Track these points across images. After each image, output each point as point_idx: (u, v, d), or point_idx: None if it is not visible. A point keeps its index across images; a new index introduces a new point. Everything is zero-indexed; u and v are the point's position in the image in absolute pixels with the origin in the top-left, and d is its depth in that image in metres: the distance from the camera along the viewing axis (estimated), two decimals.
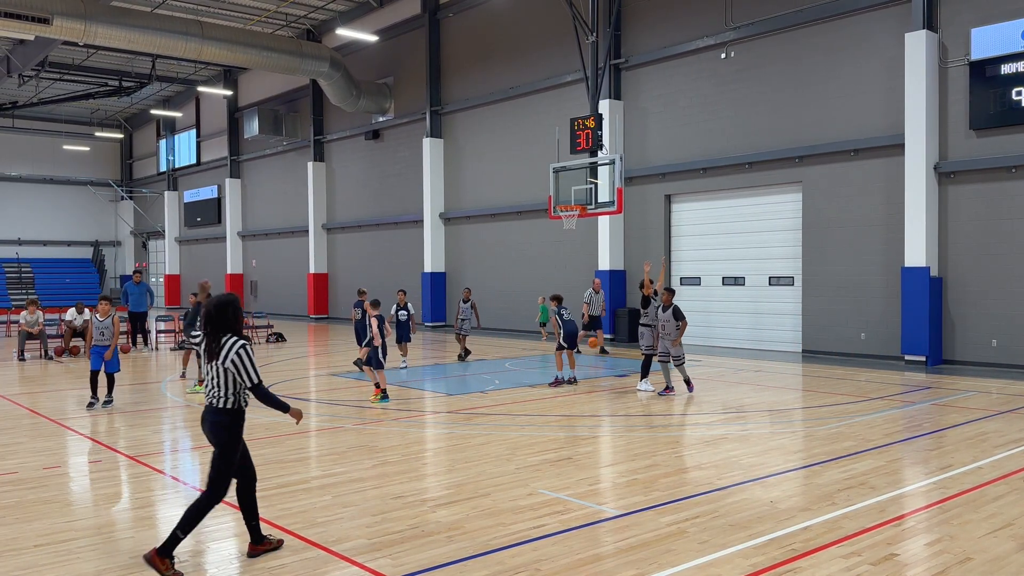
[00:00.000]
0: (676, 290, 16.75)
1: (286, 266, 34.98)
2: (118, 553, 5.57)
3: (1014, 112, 14.44)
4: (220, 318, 5.35)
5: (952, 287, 15.41)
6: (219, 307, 5.36)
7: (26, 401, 12.64)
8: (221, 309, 5.36)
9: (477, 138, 25.42)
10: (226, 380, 5.30)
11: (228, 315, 5.36)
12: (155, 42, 23.01)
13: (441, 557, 5.39)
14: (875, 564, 5.19)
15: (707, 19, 19.11)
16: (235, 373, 5.28)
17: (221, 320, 5.35)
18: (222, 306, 5.37)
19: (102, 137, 44.34)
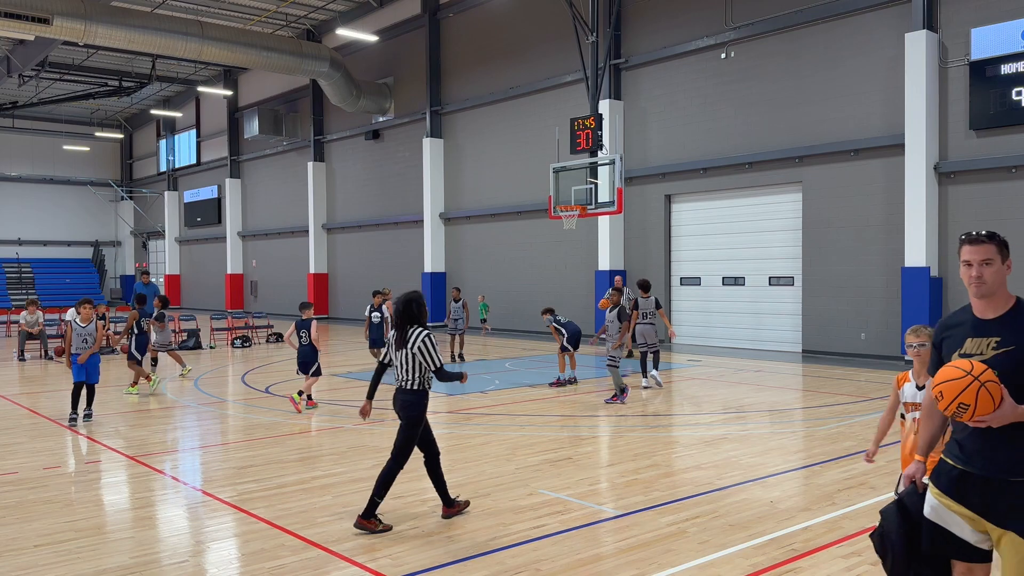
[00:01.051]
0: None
1: (286, 266, 34.97)
2: (118, 553, 5.57)
3: (1014, 112, 14.44)
4: (407, 311, 6.12)
5: (952, 287, 15.40)
6: (406, 303, 6.14)
7: (26, 401, 12.64)
8: (408, 304, 6.13)
9: (477, 138, 25.43)
10: (413, 365, 6.06)
11: (413, 309, 6.12)
12: (155, 42, 23.01)
13: (441, 557, 5.39)
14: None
15: (707, 19, 19.11)
16: (421, 359, 6.03)
17: (408, 313, 6.11)
18: (408, 302, 6.15)
19: (102, 137, 44.35)
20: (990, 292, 3.22)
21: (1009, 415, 3.07)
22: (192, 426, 10.75)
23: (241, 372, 16.19)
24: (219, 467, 8.24)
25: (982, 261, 3.22)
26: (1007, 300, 3.25)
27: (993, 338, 3.20)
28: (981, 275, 3.21)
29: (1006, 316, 3.22)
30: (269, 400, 11.30)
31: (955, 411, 3.08)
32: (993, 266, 3.21)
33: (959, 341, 3.30)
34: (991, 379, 3.04)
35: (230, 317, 23.90)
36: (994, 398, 3.03)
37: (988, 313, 3.25)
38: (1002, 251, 3.24)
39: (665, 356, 18.14)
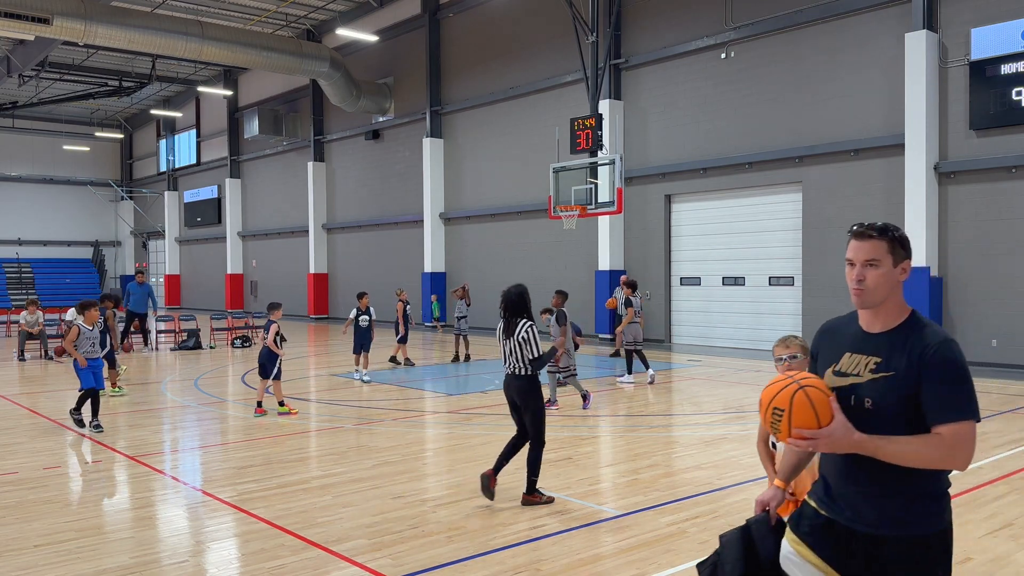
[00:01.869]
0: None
1: (286, 266, 34.98)
2: (118, 553, 5.57)
3: (1014, 112, 14.44)
4: (520, 303, 6.80)
5: (952, 287, 15.41)
6: (519, 296, 6.81)
7: (26, 401, 12.64)
8: (520, 297, 6.81)
9: (477, 138, 25.43)
10: (521, 352, 6.66)
11: (525, 301, 6.83)
12: (155, 42, 23.01)
13: (441, 557, 5.39)
14: None
15: (707, 19, 19.11)
16: (525, 346, 6.60)
17: (521, 305, 6.80)
18: (521, 295, 6.83)
19: (102, 137, 44.34)
20: (874, 301, 2.62)
21: (843, 440, 2.46)
22: (192, 426, 10.75)
23: (241, 372, 16.19)
24: (219, 467, 8.24)
25: (866, 261, 2.62)
26: (899, 312, 2.64)
27: (873, 357, 2.60)
28: (863, 278, 2.61)
29: (894, 332, 2.61)
30: (269, 400, 11.30)
31: (772, 422, 2.56)
32: (879, 268, 2.60)
33: (836, 355, 2.72)
34: (815, 385, 2.52)
35: (230, 317, 23.89)
36: (817, 409, 2.47)
37: (875, 326, 2.66)
38: (895, 250, 2.62)
39: (665, 356, 18.16)
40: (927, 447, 2.43)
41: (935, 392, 2.46)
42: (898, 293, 2.65)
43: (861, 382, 2.59)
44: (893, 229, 2.64)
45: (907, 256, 2.65)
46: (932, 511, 2.54)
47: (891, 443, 2.45)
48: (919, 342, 2.53)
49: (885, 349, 2.59)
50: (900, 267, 2.63)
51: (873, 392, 2.54)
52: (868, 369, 2.59)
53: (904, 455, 2.44)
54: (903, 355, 2.53)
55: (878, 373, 2.56)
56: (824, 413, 2.49)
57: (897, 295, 2.65)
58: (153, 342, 21.57)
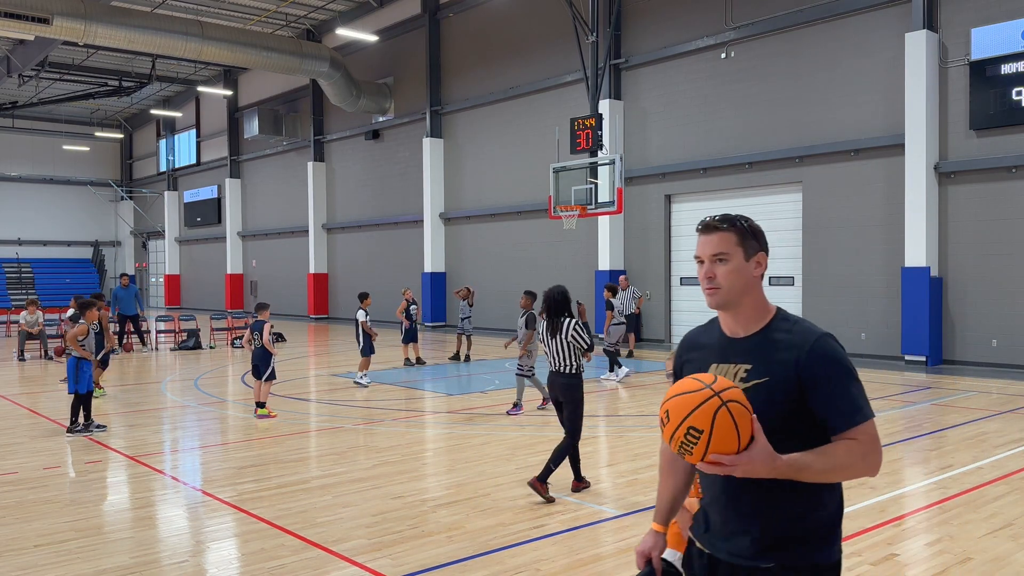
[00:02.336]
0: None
1: (286, 266, 34.97)
2: (118, 553, 5.57)
3: (1014, 112, 14.44)
4: (564, 303, 7.14)
5: (952, 287, 15.41)
6: (563, 296, 7.16)
7: (26, 401, 12.64)
8: (564, 296, 7.16)
9: (477, 138, 25.42)
10: (568, 351, 6.98)
11: (567, 300, 7.16)
12: (155, 42, 23.01)
13: (441, 557, 5.39)
14: (875, 564, 5.19)
15: (707, 19, 19.10)
16: (575, 343, 6.98)
17: (563, 304, 7.13)
18: (562, 294, 7.18)
19: (102, 137, 44.33)
20: (727, 301, 2.34)
21: (761, 463, 2.12)
22: (192, 426, 10.75)
23: (241, 372, 16.19)
24: (219, 467, 8.24)
25: (714, 256, 2.33)
26: (762, 312, 2.36)
27: (742, 365, 2.31)
28: (712, 275, 2.33)
29: (760, 334, 2.33)
30: (269, 401, 11.30)
31: (683, 442, 2.15)
32: (729, 263, 2.31)
33: (702, 367, 2.43)
34: (737, 399, 2.14)
35: (230, 317, 23.89)
36: (739, 429, 2.11)
37: (738, 330, 2.37)
38: (745, 242, 2.33)
39: (665, 356, 18.14)
40: (849, 456, 2.16)
41: (828, 395, 2.19)
42: (757, 290, 2.36)
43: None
44: (743, 220, 2.38)
45: (761, 248, 2.36)
46: (825, 538, 2.29)
47: (816, 459, 2.15)
48: (792, 342, 2.26)
49: (754, 354, 2.30)
50: (754, 260, 2.34)
51: (752, 401, 2.20)
52: (739, 379, 2.29)
53: (832, 470, 2.17)
54: (775, 358, 2.25)
55: (750, 381, 2.26)
56: (746, 433, 2.13)
57: (756, 293, 2.36)
58: (152, 342, 21.58)
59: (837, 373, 2.22)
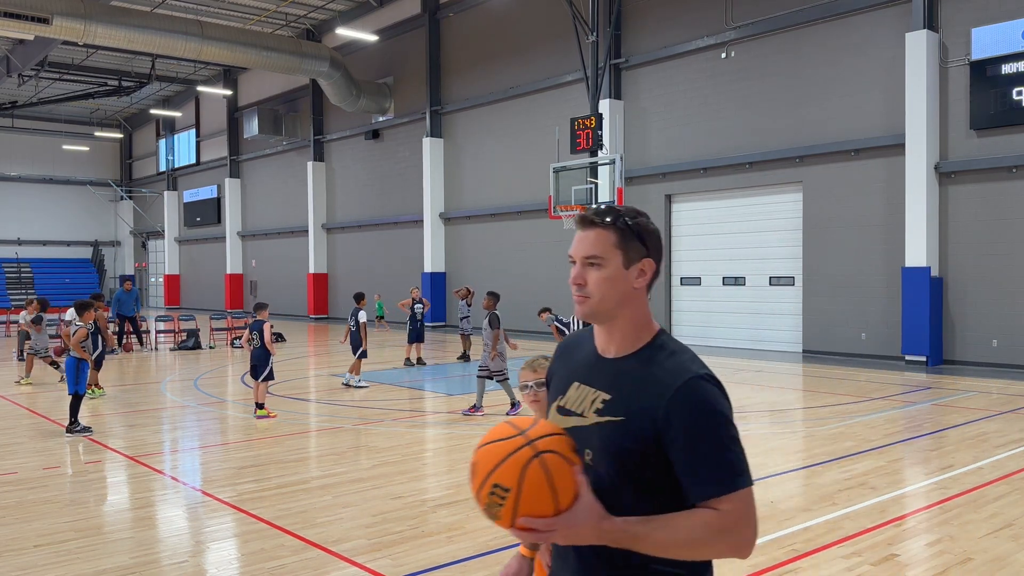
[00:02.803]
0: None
1: (286, 266, 34.96)
2: (118, 553, 5.56)
3: (1015, 112, 14.43)
4: None
5: (952, 287, 15.40)
6: None
7: (26, 401, 12.63)
8: None
9: (477, 138, 25.41)
10: None
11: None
12: (155, 42, 23.00)
13: (441, 557, 5.38)
14: (876, 564, 5.18)
15: (707, 19, 19.09)
16: None
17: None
18: None
19: (102, 137, 44.32)
20: (597, 312, 1.90)
21: (586, 529, 1.74)
22: (192, 426, 10.74)
23: (241, 372, 16.18)
24: (219, 467, 8.23)
25: (585, 259, 1.90)
26: (639, 332, 1.91)
27: (602, 393, 1.87)
28: (582, 282, 1.90)
29: (629, 360, 1.89)
30: (269, 400, 11.29)
31: (488, 503, 1.75)
32: (604, 269, 1.88)
33: (564, 384, 2.00)
34: (556, 449, 1.76)
35: (229, 317, 23.88)
36: (556, 486, 1.72)
37: (609, 348, 1.93)
38: (627, 244, 1.88)
39: None
40: (705, 531, 1.73)
41: (689, 453, 1.74)
42: (637, 304, 1.91)
43: (585, 425, 1.86)
44: (628, 215, 1.91)
45: (648, 254, 1.90)
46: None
47: (659, 530, 1.73)
48: (658, 379, 1.81)
49: (617, 382, 1.87)
50: (637, 268, 1.89)
51: (596, 441, 1.83)
52: (594, 409, 1.86)
53: (678, 545, 1.74)
54: (637, 394, 1.81)
55: (604, 416, 1.83)
56: (565, 491, 1.73)
57: (636, 307, 1.91)
58: (152, 342, 21.57)
59: (704, 426, 1.75)
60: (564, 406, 1.96)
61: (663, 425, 1.76)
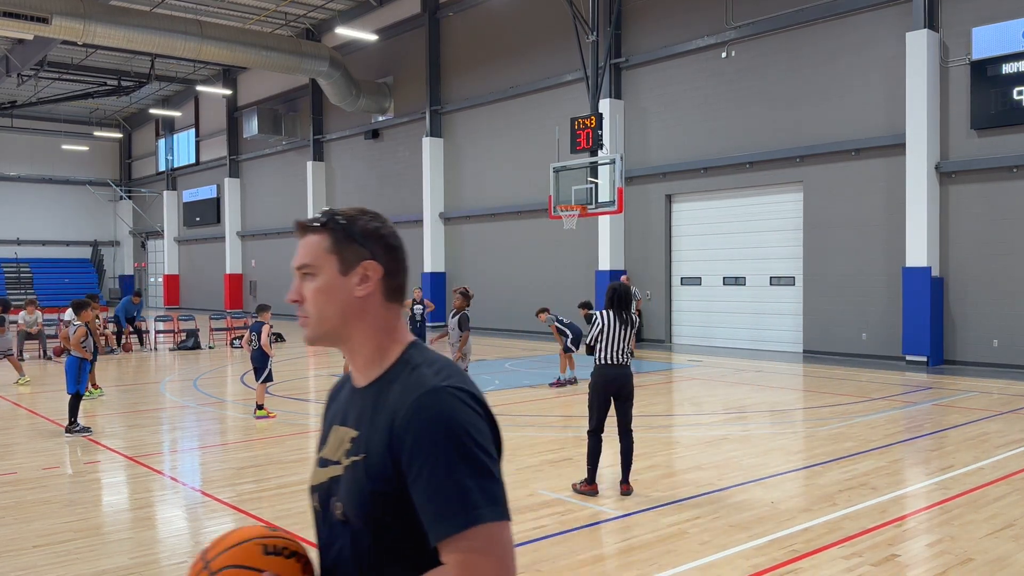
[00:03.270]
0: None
1: (286, 266, 34.88)
2: (117, 554, 5.55)
3: (1015, 112, 14.42)
4: (627, 297, 7.17)
5: (953, 287, 15.39)
6: (625, 288, 7.25)
7: (25, 401, 12.61)
8: (627, 290, 7.26)
9: (477, 138, 25.40)
10: (629, 341, 7.05)
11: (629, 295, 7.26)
12: (154, 41, 22.98)
13: None
14: (876, 565, 5.17)
15: (708, 18, 19.08)
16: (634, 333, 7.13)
17: (629, 299, 7.19)
18: (626, 288, 7.29)
19: (101, 137, 44.29)
20: (322, 334, 1.63)
21: None
22: (192, 426, 10.73)
23: (240, 372, 16.17)
24: (218, 468, 8.21)
25: (299, 270, 1.64)
26: (387, 350, 1.63)
27: (351, 430, 1.61)
28: (298, 298, 1.64)
29: (375, 387, 1.61)
30: (268, 400, 11.27)
31: None
32: (317, 279, 1.61)
33: (326, 431, 1.73)
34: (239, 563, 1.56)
35: (229, 317, 23.87)
36: None
37: (359, 377, 1.66)
38: (343, 249, 1.61)
39: (665, 356, 18.14)
40: None
41: (422, 483, 1.44)
42: (371, 319, 1.62)
43: (339, 474, 1.60)
44: (344, 215, 1.64)
45: (371, 255, 1.61)
46: None
47: None
48: (394, 401, 1.52)
49: (362, 415, 1.60)
50: (357, 274, 1.60)
51: (345, 490, 1.56)
52: (343, 451, 1.60)
53: None
54: (376, 423, 1.54)
55: (350, 457, 1.57)
56: None
57: (370, 323, 1.62)
58: (152, 342, 21.56)
59: (437, 447, 1.43)
60: (323, 455, 1.66)
61: (396, 454, 1.47)
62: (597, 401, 6.98)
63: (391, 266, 1.64)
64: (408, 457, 1.46)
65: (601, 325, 6.98)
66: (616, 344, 6.95)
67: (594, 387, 7.01)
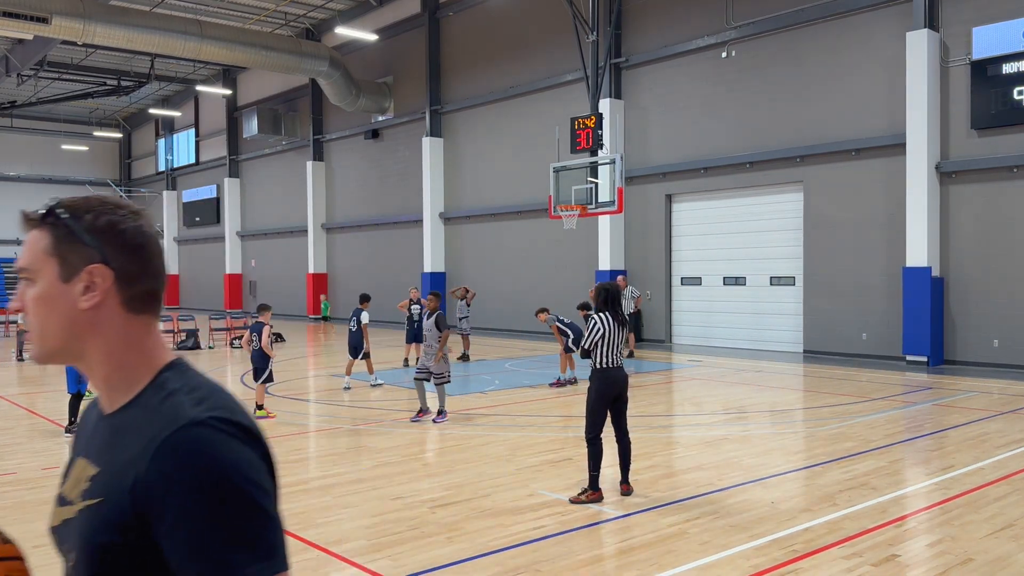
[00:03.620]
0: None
1: (285, 266, 34.93)
2: None
3: (1015, 112, 14.41)
4: (619, 296, 7.19)
5: (953, 287, 15.38)
6: (617, 288, 7.25)
7: (25, 401, 12.61)
8: (618, 290, 7.25)
9: (477, 138, 25.39)
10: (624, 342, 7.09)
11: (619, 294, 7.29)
12: (154, 41, 22.98)
13: (441, 558, 5.36)
14: (876, 565, 5.16)
15: (708, 18, 19.08)
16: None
17: (619, 297, 7.20)
18: (619, 288, 7.29)
19: (101, 137, 44.29)
20: (48, 351, 1.35)
21: None
22: None
23: (240, 372, 16.16)
24: None
25: (20, 274, 1.38)
26: (136, 371, 1.34)
27: (91, 467, 1.33)
28: (20, 307, 1.37)
29: (124, 412, 1.33)
30: (268, 401, 11.27)
31: None
32: (36, 286, 1.34)
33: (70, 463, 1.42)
34: None
35: (229, 317, 23.87)
36: None
37: (104, 402, 1.38)
38: (64, 251, 1.32)
39: (665, 356, 18.13)
40: None
41: (180, 540, 1.18)
42: (110, 335, 1.33)
43: (72, 517, 1.32)
44: (71, 207, 1.35)
45: (101, 258, 1.31)
46: None
47: None
48: (141, 436, 1.25)
49: (104, 449, 1.32)
50: (80, 282, 1.31)
51: (77, 537, 1.28)
52: (80, 491, 1.32)
53: None
54: (116, 462, 1.27)
55: (87, 499, 1.29)
56: None
57: (107, 339, 1.33)
58: None
59: (198, 496, 1.18)
60: (62, 492, 1.38)
61: (144, 501, 1.20)
62: (600, 406, 6.87)
63: (130, 269, 1.33)
64: (159, 507, 1.18)
65: (602, 330, 6.88)
66: (615, 347, 6.93)
67: (598, 392, 6.86)
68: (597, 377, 6.91)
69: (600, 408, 6.88)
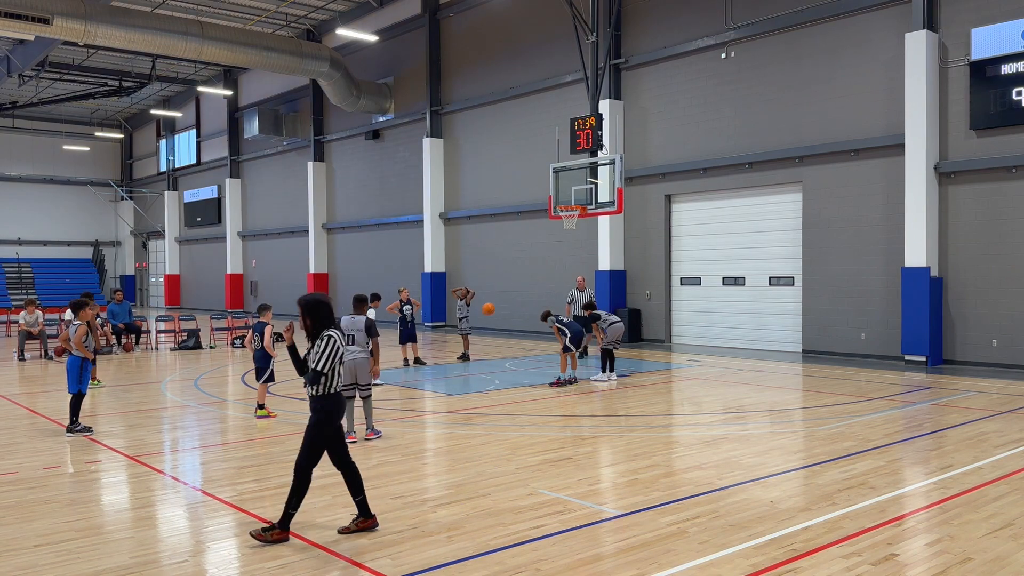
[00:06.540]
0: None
1: (286, 266, 34.96)
2: (118, 553, 5.56)
3: (1014, 112, 14.43)
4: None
5: (952, 287, 15.40)
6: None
7: (26, 401, 12.63)
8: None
9: (477, 138, 25.42)
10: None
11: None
12: (155, 42, 23.00)
13: (441, 557, 5.38)
14: (875, 564, 5.19)
15: (707, 19, 19.10)
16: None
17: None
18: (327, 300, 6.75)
19: (102, 137, 44.32)
20: None
21: None
22: (192, 426, 10.74)
23: (241, 372, 16.18)
24: (219, 467, 8.23)
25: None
26: None
27: None
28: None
29: None
30: (269, 400, 11.29)
31: None
32: None
33: None
34: None
35: (230, 317, 23.89)
36: None
37: None
38: None
39: (665, 356, 18.15)
40: None
41: None
42: None
43: None
44: None
45: None
46: None
47: None
48: None
49: None
50: None
51: None
52: None
53: None
54: None
55: None
56: None
57: None
58: (153, 342, 21.58)
59: None
60: None
61: None
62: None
63: None
64: None
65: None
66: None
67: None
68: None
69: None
